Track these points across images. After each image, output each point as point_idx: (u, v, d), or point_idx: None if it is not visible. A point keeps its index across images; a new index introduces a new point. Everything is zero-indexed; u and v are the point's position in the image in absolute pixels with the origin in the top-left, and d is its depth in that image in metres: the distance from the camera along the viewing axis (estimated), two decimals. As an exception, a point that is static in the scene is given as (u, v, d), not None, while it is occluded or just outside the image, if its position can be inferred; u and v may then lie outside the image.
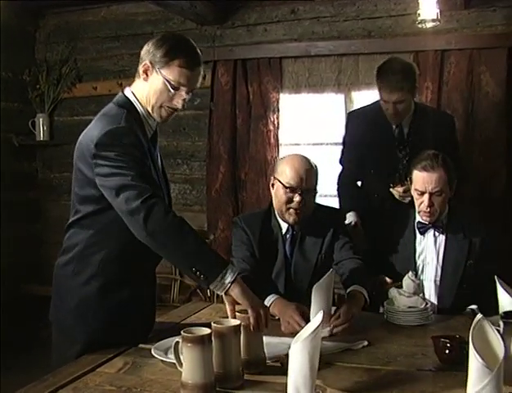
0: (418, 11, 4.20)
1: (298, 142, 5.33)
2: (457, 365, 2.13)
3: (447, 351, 2.24)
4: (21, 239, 5.63)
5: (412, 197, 3.28)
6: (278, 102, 5.21)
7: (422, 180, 3.13)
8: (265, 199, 4.77)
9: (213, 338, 2.02)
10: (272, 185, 3.24)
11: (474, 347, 1.72)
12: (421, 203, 3.16)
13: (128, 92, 2.53)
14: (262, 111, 5.20)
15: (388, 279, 3.09)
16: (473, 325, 1.81)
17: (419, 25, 4.29)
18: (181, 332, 1.98)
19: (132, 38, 5.49)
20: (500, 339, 1.78)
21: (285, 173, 3.14)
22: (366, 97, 5.07)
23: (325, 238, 3.24)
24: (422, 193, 3.14)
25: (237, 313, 2.21)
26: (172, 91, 2.43)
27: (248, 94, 5.27)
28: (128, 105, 2.48)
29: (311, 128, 5.30)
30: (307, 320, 2.56)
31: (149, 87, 2.45)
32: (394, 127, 3.91)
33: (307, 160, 3.19)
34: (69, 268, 2.48)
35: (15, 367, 4.68)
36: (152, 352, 2.32)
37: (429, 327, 2.77)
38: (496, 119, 4.72)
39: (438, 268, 3.20)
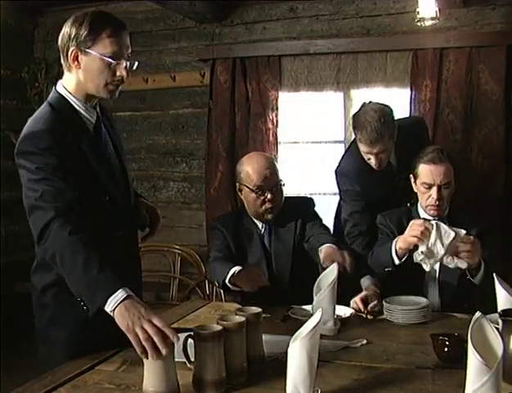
0: (417, 9, 4.20)
1: (297, 141, 5.34)
2: (456, 363, 2.13)
3: (446, 349, 2.24)
4: (20, 237, 5.61)
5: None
6: (277, 100, 5.20)
7: (430, 172, 3.11)
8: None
9: None
10: (240, 190, 3.32)
11: (473, 345, 1.72)
12: (429, 197, 3.13)
13: (59, 86, 2.44)
14: (261, 109, 5.20)
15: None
16: (471, 323, 1.81)
17: (418, 23, 4.29)
18: (193, 329, 1.99)
19: (131, 37, 5.44)
20: (499, 337, 1.78)
21: (249, 178, 3.24)
22: (365, 94, 5.07)
23: (297, 221, 3.35)
24: (430, 186, 3.12)
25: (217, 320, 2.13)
26: (113, 62, 2.31)
27: (247, 92, 5.26)
28: (58, 100, 2.41)
29: (310, 127, 5.30)
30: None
31: (84, 72, 2.34)
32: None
33: (264, 157, 3.34)
34: (35, 276, 2.51)
35: (15, 366, 4.68)
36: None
37: (428, 325, 2.77)
38: (494, 117, 4.71)
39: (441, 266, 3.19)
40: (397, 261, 3.05)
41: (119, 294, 2.02)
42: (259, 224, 3.37)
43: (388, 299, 2.94)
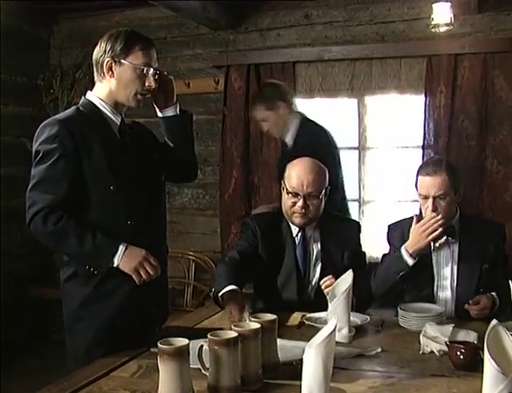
0: (431, 16, 4.20)
1: (311, 147, 5.32)
2: (472, 371, 2.12)
3: (462, 357, 2.23)
4: (37, 242, 5.64)
5: None
6: (291, 107, 5.20)
7: (425, 185, 3.10)
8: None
9: None
10: (283, 188, 3.31)
11: (489, 353, 1.71)
12: (426, 208, 3.13)
13: (89, 95, 2.67)
14: (275, 116, 5.20)
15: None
16: (488, 331, 1.80)
17: (433, 30, 4.29)
18: (208, 335, 1.98)
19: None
20: (515, 345, 1.78)
21: (289, 178, 3.23)
22: (379, 101, 5.08)
23: (344, 249, 3.28)
24: (426, 198, 3.12)
25: (232, 327, 2.13)
26: (150, 71, 2.57)
27: (261, 99, 5.26)
28: (85, 104, 2.64)
29: (324, 133, 5.29)
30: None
31: (117, 81, 2.58)
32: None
33: (312, 165, 3.26)
34: (65, 270, 2.63)
35: (27, 370, 4.71)
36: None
37: (443, 332, 2.75)
38: (509, 123, 4.71)
39: (454, 275, 3.18)
40: (410, 262, 3.06)
41: (119, 251, 2.47)
42: (294, 230, 3.31)
43: (402, 306, 2.93)
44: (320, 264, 3.27)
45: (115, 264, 2.47)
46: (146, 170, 2.72)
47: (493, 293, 2.97)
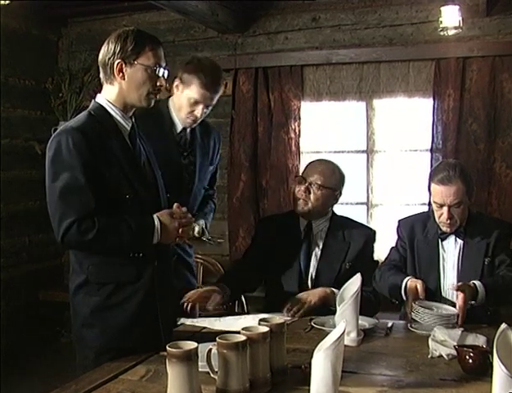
0: (440, 19, 4.19)
1: (320, 150, 5.32)
2: (481, 375, 2.12)
3: (471, 361, 2.22)
4: (45, 245, 5.66)
5: None
6: (299, 110, 5.21)
7: (440, 194, 3.09)
8: (286, 206, 4.77)
9: None
10: None
11: (498, 357, 1.71)
12: (441, 215, 3.13)
13: (99, 98, 2.64)
14: (283, 119, 5.21)
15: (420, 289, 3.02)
16: (497, 335, 1.80)
17: (441, 33, 4.28)
18: (217, 339, 1.98)
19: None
20: (525, 348, 1.77)
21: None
22: (388, 104, 5.08)
23: (348, 250, 3.34)
24: (441, 206, 3.11)
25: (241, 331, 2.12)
26: (161, 70, 2.55)
27: (269, 102, 5.27)
28: (96, 108, 2.60)
29: (332, 136, 5.30)
30: None
31: (128, 83, 2.56)
32: (178, 132, 3.52)
33: (325, 161, 3.49)
34: (75, 278, 2.60)
35: (35, 372, 4.71)
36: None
37: (452, 336, 2.74)
38: (518, 127, 4.70)
39: (459, 270, 3.18)
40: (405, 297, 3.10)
41: (155, 230, 2.49)
42: (302, 226, 3.40)
43: (418, 302, 2.92)
44: (318, 262, 3.35)
45: (155, 242, 2.51)
46: (156, 176, 2.72)
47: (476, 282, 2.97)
